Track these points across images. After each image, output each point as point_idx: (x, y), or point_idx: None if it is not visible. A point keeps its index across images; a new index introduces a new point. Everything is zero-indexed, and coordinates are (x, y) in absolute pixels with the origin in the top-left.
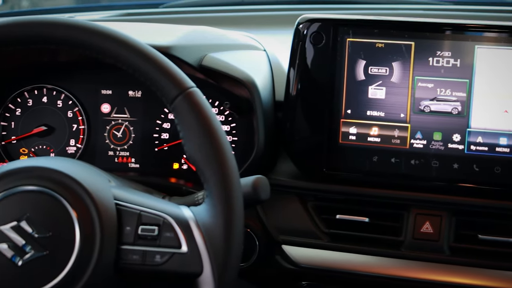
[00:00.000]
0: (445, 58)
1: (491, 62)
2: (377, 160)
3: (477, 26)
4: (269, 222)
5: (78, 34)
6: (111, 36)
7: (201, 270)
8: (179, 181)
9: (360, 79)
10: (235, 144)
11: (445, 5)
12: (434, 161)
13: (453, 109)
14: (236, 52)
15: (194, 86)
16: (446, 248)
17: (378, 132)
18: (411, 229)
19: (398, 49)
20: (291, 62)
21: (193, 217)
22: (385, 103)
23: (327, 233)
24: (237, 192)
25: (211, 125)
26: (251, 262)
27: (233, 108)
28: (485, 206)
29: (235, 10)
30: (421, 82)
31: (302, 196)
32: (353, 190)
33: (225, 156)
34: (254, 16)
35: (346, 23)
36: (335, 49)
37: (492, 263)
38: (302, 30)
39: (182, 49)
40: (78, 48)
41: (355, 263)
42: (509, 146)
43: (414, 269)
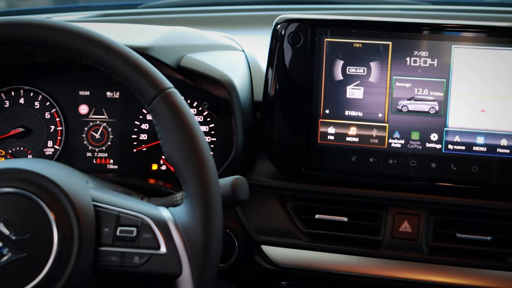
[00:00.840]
0: (422, 58)
1: (467, 61)
2: (355, 160)
3: (454, 26)
4: (248, 223)
5: (54, 35)
6: (88, 37)
7: (180, 271)
8: (158, 182)
9: (338, 79)
10: (213, 145)
11: (422, 5)
12: (412, 160)
13: (431, 108)
14: (214, 53)
15: (172, 86)
16: (425, 247)
17: (356, 132)
18: (390, 228)
19: (376, 49)
20: (269, 63)
21: (172, 218)
22: (363, 103)
23: (306, 233)
24: (216, 193)
25: (189, 126)
26: (231, 263)
27: (212, 108)
28: (463, 205)
29: (213, 11)
30: (399, 82)
31: (281, 196)
32: (332, 190)
33: (204, 157)
34: (232, 17)
35: (323, 23)
36: (313, 49)
37: (469, 262)
38: (280, 31)
39: (160, 49)
40: (55, 49)
41: (334, 262)
42: (486, 145)
43: (393, 268)
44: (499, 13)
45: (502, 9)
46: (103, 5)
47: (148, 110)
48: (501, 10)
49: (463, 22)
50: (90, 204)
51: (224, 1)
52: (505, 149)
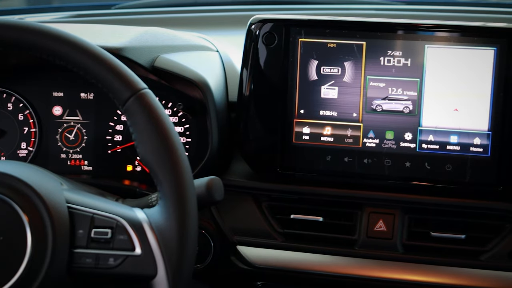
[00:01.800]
0: (396, 57)
1: (441, 61)
2: (330, 160)
3: (427, 26)
4: (223, 223)
5: (27, 36)
6: (61, 37)
7: (155, 272)
8: (133, 183)
9: (312, 79)
10: (188, 145)
11: (396, 5)
12: (386, 159)
13: (405, 108)
14: (189, 53)
15: (146, 87)
16: (400, 246)
17: (331, 132)
18: (365, 227)
19: (350, 49)
20: (243, 63)
21: (147, 219)
22: (338, 102)
23: (282, 233)
24: (191, 193)
25: (164, 127)
26: (206, 263)
27: (186, 109)
28: (437, 204)
29: (187, 11)
30: (373, 82)
31: (257, 197)
32: (307, 189)
33: (178, 158)
34: (206, 17)
35: (298, 24)
36: (287, 49)
37: (444, 260)
38: (254, 31)
39: (134, 50)
40: (28, 50)
41: (310, 262)
42: (459, 144)
43: (368, 267)
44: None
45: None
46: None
47: (122, 111)
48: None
49: (436, 22)
50: (64, 206)
51: (198, 2)
52: (478, 148)
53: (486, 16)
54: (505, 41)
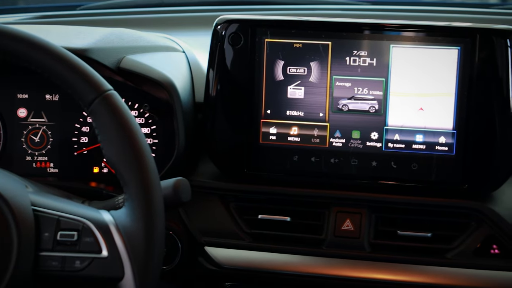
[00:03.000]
0: (362, 57)
1: (406, 60)
2: (297, 160)
3: (392, 26)
4: (191, 224)
5: None
6: (24, 39)
7: (122, 274)
8: (100, 185)
9: (279, 79)
10: (155, 147)
11: (361, 5)
12: (353, 159)
13: (371, 107)
14: (155, 54)
15: (112, 89)
16: (367, 244)
17: (298, 132)
18: (332, 227)
19: (316, 49)
20: (210, 63)
21: (113, 221)
22: (304, 102)
23: (249, 233)
24: (157, 195)
25: (129, 128)
26: (174, 265)
27: (153, 110)
28: (403, 203)
29: (153, 12)
30: (339, 82)
31: (224, 197)
32: (275, 189)
33: (144, 159)
34: (173, 18)
35: (263, 24)
36: (253, 50)
37: (410, 258)
38: (220, 31)
39: (99, 51)
40: None
41: (278, 262)
42: (425, 143)
43: (335, 266)
44: (437, 13)
45: (439, 9)
46: (42, 7)
47: (88, 113)
48: (439, 10)
49: (401, 21)
50: (30, 209)
51: (164, 2)
52: (443, 147)
53: (451, 16)
54: (469, 41)
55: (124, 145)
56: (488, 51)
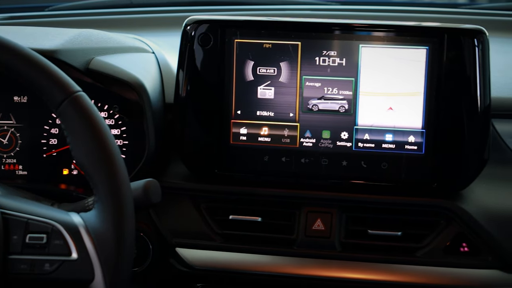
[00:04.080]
0: (331, 57)
1: (375, 60)
2: (268, 160)
3: (361, 26)
4: (162, 225)
5: None
6: None
7: (92, 276)
8: (69, 187)
9: (249, 80)
10: (125, 148)
11: (331, 5)
12: (323, 159)
13: (340, 107)
14: (124, 55)
15: (80, 90)
16: (338, 244)
17: (268, 132)
18: (303, 227)
19: (285, 49)
20: (179, 64)
21: (83, 223)
22: (274, 103)
23: (221, 234)
24: (127, 196)
25: (98, 129)
26: (145, 266)
27: (123, 111)
28: (374, 202)
29: (122, 13)
30: (309, 82)
31: (195, 198)
32: (246, 190)
33: (114, 160)
34: (142, 18)
35: (233, 24)
36: (223, 50)
37: (381, 257)
38: (190, 32)
39: (67, 52)
40: None
41: (249, 263)
42: (394, 142)
43: (307, 266)
44: (406, 13)
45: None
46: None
47: (56, 115)
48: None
49: (370, 21)
50: None
51: (134, 3)
52: (413, 146)
53: (420, 16)
54: (437, 41)
55: (93, 146)
56: (456, 51)
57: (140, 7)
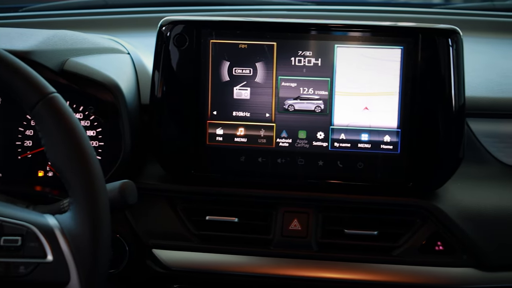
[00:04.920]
0: (307, 57)
1: (350, 60)
2: (244, 160)
3: (336, 26)
4: (138, 227)
5: None
6: None
7: (68, 278)
8: (45, 189)
9: (224, 80)
10: (101, 149)
11: (306, 5)
12: (300, 159)
13: (316, 107)
14: (99, 56)
15: (55, 91)
16: (314, 244)
17: (244, 132)
18: (280, 227)
19: (261, 49)
20: (155, 65)
21: (58, 225)
22: (250, 103)
23: (197, 235)
24: (102, 198)
25: (73, 131)
26: (121, 268)
27: (98, 112)
28: (350, 201)
29: (98, 14)
30: (285, 82)
31: (171, 199)
32: (222, 190)
33: (89, 162)
34: (117, 19)
35: (208, 25)
36: (198, 51)
37: (358, 257)
38: (165, 33)
39: (42, 54)
40: None
41: (226, 263)
42: (370, 142)
43: (283, 266)
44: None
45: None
46: None
47: (31, 116)
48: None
49: (345, 22)
50: None
51: (109, 4)
52: (388, 145)
53: (395, 16)
54: (412, 40)
55: (68, 148)
56: (430, 51)
57: (115, 8)
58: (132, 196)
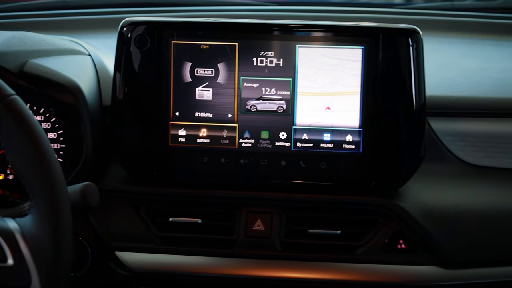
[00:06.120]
0: (269, 58)
1: (312, 60)
2: (207, 161)
3: (297, 26)
4: (101, 229)
5: None
6: None
7: (29, 282)
8: (5, 192)
9: (186, 81)
10: (62, 152)
11: (268, 6)
12: (262, 159)
13: (279, 107)
14: (60, 58)
15: (14, 94)
16: (278, 244)
17: (207, 133)
18: (243, 227)
19: (223, 50)
20: (116, 66)
21: (18, 228)
22: (213, 104)
23: (161, 236)
24: (64, 200)
25: (33, 133)
26: (84, 271)
27: (59, 114)
28: (313, 201)
29: (58, 15)
30: (247, 82)
31: (134, 201)
32: (185, 192)
33: (49, 164)
34: (78, 20)
35: (170, 26)
36: (160, 52)
37: (321, 256)
38: (126, 33)
39: (1, 55)
40: None
41: (189, 265)
42: (332, 141)
43: (247, 267)
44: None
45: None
46: None
47: None
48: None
49: (306, 22)
50: None
51: (69, 5)
52: (350, 145)
53: (357, 16)
54: (372, 40)
55: (28, 151)
56: (391, 50)
57: (76, 9)
58: (94, 199)
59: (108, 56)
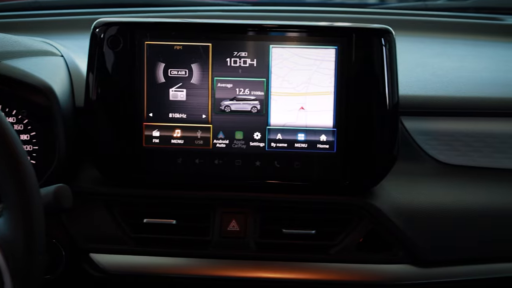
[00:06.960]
0: (242, 58)
1: (286, 61)
2: (181, 162)
3: (271, 26)
4: (75, 231)
5: None
6: None
7: (1, 285)
8: None
9: (160, 82)
10: (35, 153)
11: (242, 6)
12: (237, 160)
13: (253, 108)
14: (32, 59)
15: None
16: (253, 244)
17: (181, 134)
18: (218, 228)
19: (196, 50)
20: (89, 67)
21: None
22: (187, 104)
23: (135, 238)
24: (36, 202)
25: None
26: (58, 273)
27: (32, 116)
28: (288, 201)
29: (30, 15)
30: (220, 83)
31: (108, 202)
32: (159, 193)
33: (21, 166)
34: (50, 21)
35: (143, 26)
36: (133, 53)
37: (296, 256)
38: (99, 34)
39: None
40: None
41: (164, 266)
42: (306, 141)
43: (222, 267)
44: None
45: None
46: None
47: None
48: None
49: (279, 22)
50: None
51: (42, 5)
52: (324, 145)
53: (331, 16)
54: (345, 40)
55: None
56: (364, 50)
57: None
58: (67, 200)
59: (81, 57)
